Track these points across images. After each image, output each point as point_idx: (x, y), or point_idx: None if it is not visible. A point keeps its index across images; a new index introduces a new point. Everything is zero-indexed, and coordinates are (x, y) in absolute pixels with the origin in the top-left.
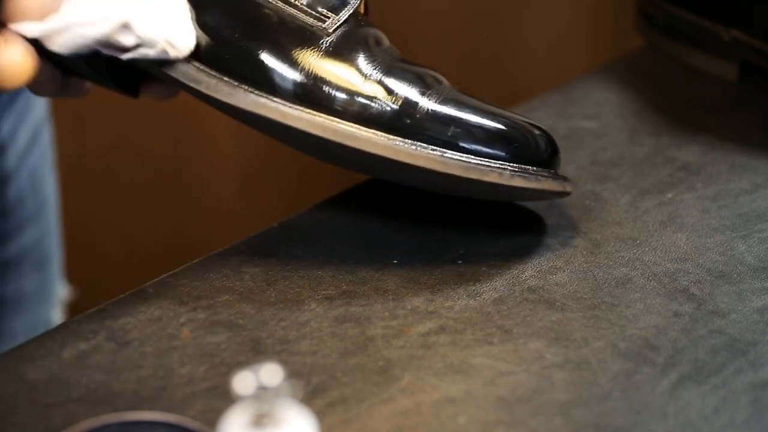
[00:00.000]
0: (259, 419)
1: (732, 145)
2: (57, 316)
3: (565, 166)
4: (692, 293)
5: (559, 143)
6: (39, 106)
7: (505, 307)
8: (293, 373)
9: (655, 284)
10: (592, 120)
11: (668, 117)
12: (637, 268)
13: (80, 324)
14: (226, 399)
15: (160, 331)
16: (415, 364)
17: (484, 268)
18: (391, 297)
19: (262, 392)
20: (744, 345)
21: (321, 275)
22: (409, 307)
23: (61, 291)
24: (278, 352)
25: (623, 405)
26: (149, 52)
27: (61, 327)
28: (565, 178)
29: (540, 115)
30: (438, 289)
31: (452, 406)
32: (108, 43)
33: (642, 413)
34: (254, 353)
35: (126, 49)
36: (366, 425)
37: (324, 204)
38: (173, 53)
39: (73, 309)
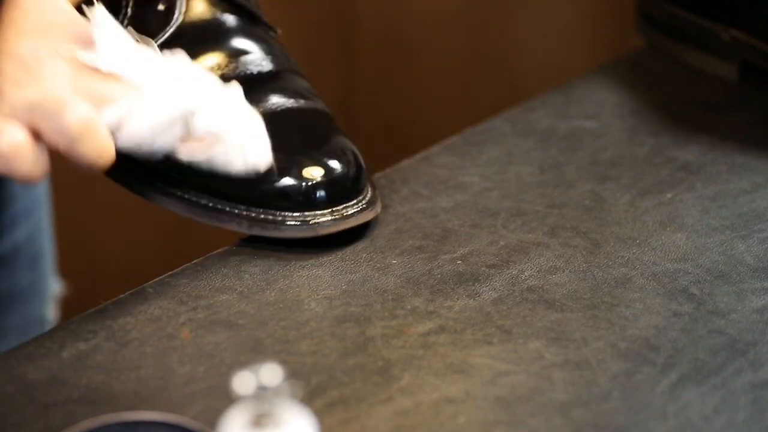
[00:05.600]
0: (259, 419)
1: (732, 145)
2: (50, 312)
3: (565, 166)
4: (692, 293)
5: (559, 143)
6: None
7: (505, 307)
8: (293, 373)
9: (654, 284)
10: (592, 120)
11: (668, 117)
12: (637, 268)
13: (80, 324)
14: (226, 399)
15: (160, 331)
16: (415, 364)
17: (484, 268)
18: (391, 297)
19: (262, 392)
20: (744, 345)
21: (321, 275)
22: (409, 307)
23: (54, 287)
24: (278, 352)
25: (623, 405)
26: (219, 153)
27: (60, 327)
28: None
29: (540, 115)
30: (438, 289)
31: (452, 406)
32: (173, 132)
33: (642, 413)
34: (254, 353)
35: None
36: (366, 425)
37: None
38: (244, 163)
39: (71, 308)
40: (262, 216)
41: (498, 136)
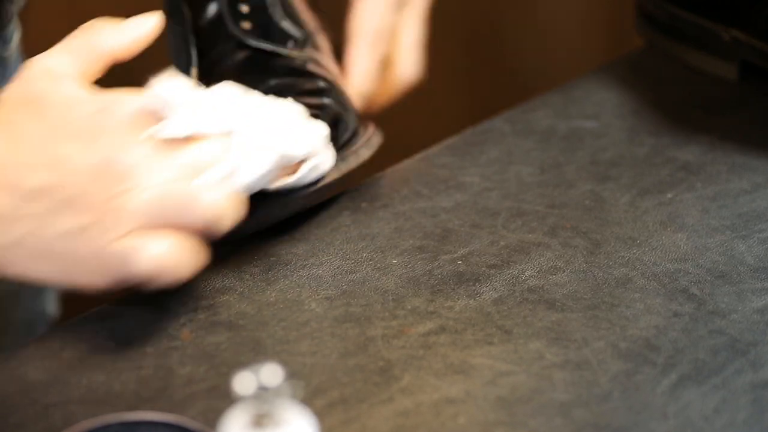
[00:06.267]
0: (259, 419)
1: (732, 145)
2: (52, 307)
3: (565, 166)
4: (692, 293)
5: (559, 143)
6: None
7: (505, 307)
8: (293, 373)
9: (655, 284)
10: (592, 120)
11: (668, 117)
12: (637, 268)
13: (80, 324)
14: (226, 399)
15: (160, 331)
16: (415, 364)
17: (484, 269)
18: (391, 297)
19: (262, 392)
20: (744, 345)
21: (321, 275)
22: (409, 307)
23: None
24: (278, 353)
25: (623, 405)
26: (315, 165)
27: (60, 327)
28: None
29: (540, 115)
30: (438, 289)
31: (452, 406)
32: (273, 173)
33: (642, 413)
34: (254, 353)
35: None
36: (366, 425)
37: (323, 204)
38: (318, 175)
39: (71, 308)
40: None
41: (498, 136)
